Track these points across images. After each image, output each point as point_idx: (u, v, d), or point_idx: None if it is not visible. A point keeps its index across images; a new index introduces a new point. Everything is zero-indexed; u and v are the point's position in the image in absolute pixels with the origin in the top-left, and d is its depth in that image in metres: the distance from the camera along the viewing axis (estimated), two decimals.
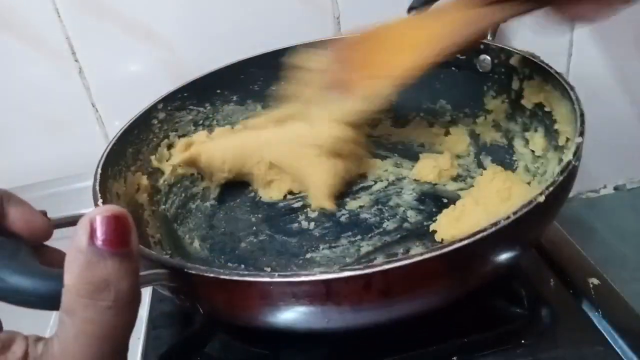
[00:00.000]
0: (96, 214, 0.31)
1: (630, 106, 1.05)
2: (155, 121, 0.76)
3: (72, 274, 0.31)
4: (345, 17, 0.93)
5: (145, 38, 0.90)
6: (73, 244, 0.31)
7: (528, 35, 0.81)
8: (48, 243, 0.42)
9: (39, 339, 0.33)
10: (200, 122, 0.82)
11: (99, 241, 0.31)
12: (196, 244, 0.69)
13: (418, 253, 0.42)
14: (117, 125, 0.93)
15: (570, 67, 0.98)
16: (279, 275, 0.42)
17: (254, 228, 0.74)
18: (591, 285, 0.60)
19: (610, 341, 0.55)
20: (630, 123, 1.05)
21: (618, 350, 0.54)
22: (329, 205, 0.72)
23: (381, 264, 0.41)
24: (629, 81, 1.02)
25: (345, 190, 0.76)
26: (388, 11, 0.90)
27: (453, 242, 0.42)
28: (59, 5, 0.85)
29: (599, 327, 0.56)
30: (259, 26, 0.91)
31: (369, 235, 0.68)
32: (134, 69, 0.92)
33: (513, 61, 0.69)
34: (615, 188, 1.14)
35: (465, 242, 0.43)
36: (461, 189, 0.72)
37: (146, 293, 0.68)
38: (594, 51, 0.97)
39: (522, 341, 0.56)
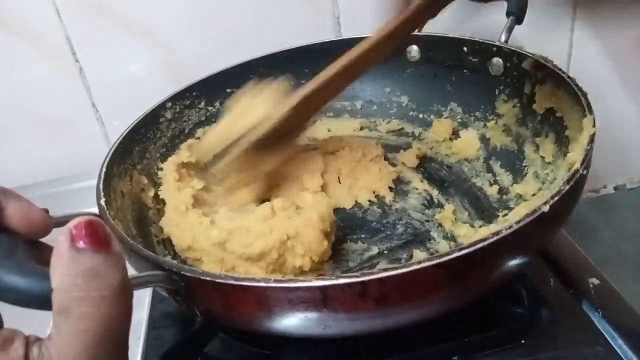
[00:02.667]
0: (73, 223, 0.32)
1: (630, 106, 1.04)
2: (163, 119, 0.76)
3: (58, 275, 0.31)
4: (345, 18, 0.93)
5: (145, 38, 0.90)
6: (55, 251, 0.32)
7: (528, 35, 0.81)
8: (49, 243, 0.42)
9: (37, 339, 0.33)
10: (211, 120, 0.82)
11: (79, 242, 0.31)
12: None
13: (416, 261, 0.41)
14: (117, 125, 0.94)
15: (570, 67, 0.98)
16: (275, 281, 0.42)
17: None
18: (591, 285, 0.60)
19: (610, 341, 0.55)
20: (630, 123, 1.05)
21: (618, 350, 0.54)
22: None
23: (378, 272, 0.41)
24: (628, 81, 1.02)
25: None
26: (388, 12, 0.90)
27: (451, 251, 0.42)
28: (59, 5, 0.85)
29: (599, 327, 0.56)
30: (258, 27, 0.91)
31: (374, 239, 0.68)
32: (134, 69, 0.92)
33: (525, 65, 0.69)
34: (615, 188, 1.14)
35: (465, 251, 0.42)
36: None
37: (146, 294, 0.68)
38: (594, 51, 0.97)
39: (522, 341, 0.56)
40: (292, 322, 0.45)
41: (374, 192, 0.73)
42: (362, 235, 0.68)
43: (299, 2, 0.91)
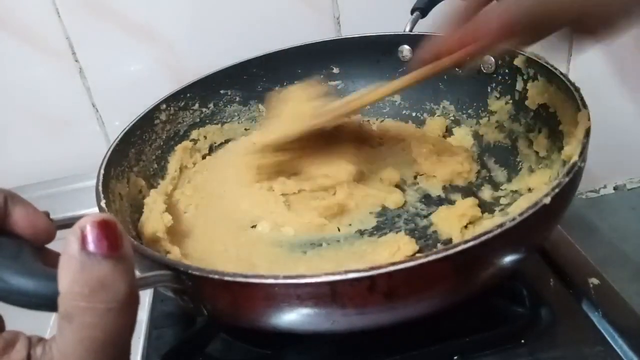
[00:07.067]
0: (86, 222, 0.31)
1: (630, 106, 1.05)
2: (157, 121, 0.76)
3: (66, 280, 0.31)
4: (345, 18, 0.93)
5: (145, 38, 0.90)
6: (65, 251, 0.31)
7: None
8: (51, 244, 0.42)
9: (40, 340, 0.33)
10: (205, 122, 0.82)
11: (90, 246, 0.31)
12: None
13: (422, 255, 0.42)
14: (117, 125, 0.94)
15: (570, 67, 0.99)
16: (284, 277, 0.42)
17: None
18: (591, 285, 0.60)
19: (610, 341, 0.55)
20: (630, 123, 1.06)
21: (618, 350, 0.54)
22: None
23: (385, 266, 0.41)
24: (628, 81, 1.02)
25: None
26: (388, 12, 0.91)
27: (458, 244, 0.42)
28: (59, 5, 0.85)
29: (599, 327, 0.57)
30: (258, 26, 0.92)
31: (374, 236, 0.67)
32: (134, 69, 0.92)
33: (517, 62, 0.69)
34: (615, 188, 1.14)
35: (470, 244, 0.42)
36: None
37: (147, 293, 0.68)
38: (594, 51, 0.97)
39: (522, 341, 0.56)
40: (301, 318, 0.45)
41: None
42: (365, 232, 0.68)
43: (299, 2, 0.91)
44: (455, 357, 0.55)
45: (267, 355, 0.60)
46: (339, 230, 0.67)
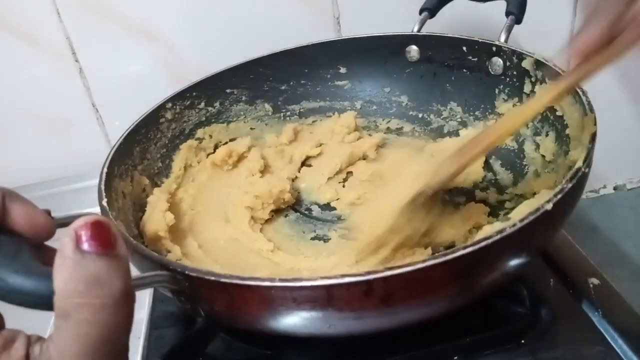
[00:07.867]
0: (80, 223, 0.31)
1: (630, 106, 1.05)
2: (163, 120, 0.76)
3: (61, 278, 0.31)
4: (345, 18, 0.93)
5: (145, 38, 0.90)
6: (59, 252, 0.31)
7: (528, 36, 0.81)
8: (51, 242, 0.42)
9: (39, 339, 0.33)
10: (211, 121, 0.82)
11: (84, 245, 0.31)
12: None
13: (420, 260, 0.41)
14: (117, 125, 0.94)
15: (571, 66, 0.98)
16: (280, 280, 0.42)
17: None
18: (591, 285, 0.60)
19: (610, 341, 0.55)
20: (630, 123, 1.05)
21: (618, 350, 0.54)
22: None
23: (383, 270, 0.41)
24: (628, 81, 1.02)
25: None
26: (388, 12, 0.91)
27: (457, 250, 0.42)
28: (59, 6, 0.85)
29: (599, 327, 0.56)
30: (258, 27, 0.92)
31: None
32: (134, 69, 0.92)
33: (525, 64, 0.69)
34: (615, 188, 1.14)
35: (469, 249, 0.42)
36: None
37: (147, 294, 0.68)
38: None
39: (522, 341, 0.56)
40: (297, 321, 0.45)
41: None
42: None
43: (299, 2, 0.91)
44: (456, 358, 0.55)
45: (267, 355, 0.60)
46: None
